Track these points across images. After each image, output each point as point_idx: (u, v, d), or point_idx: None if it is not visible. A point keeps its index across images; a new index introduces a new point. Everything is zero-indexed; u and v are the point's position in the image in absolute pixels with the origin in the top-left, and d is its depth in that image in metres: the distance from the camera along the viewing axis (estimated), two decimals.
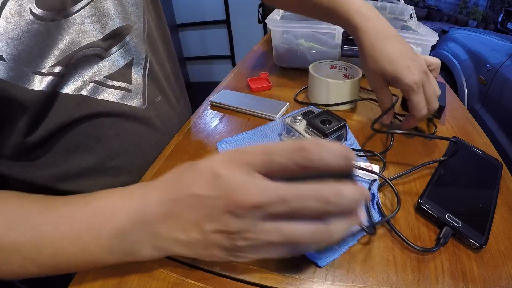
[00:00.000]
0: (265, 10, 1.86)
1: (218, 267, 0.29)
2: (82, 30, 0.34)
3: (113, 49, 0.38)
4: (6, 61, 0.28)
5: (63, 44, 0.32)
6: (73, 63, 0.34)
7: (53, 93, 0.33)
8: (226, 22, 2.59)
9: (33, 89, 0.30)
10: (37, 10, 0.29)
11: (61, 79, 0.33)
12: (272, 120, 0.52)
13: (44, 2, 0.30)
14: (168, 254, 0.24)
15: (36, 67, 0.30)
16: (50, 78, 0.31)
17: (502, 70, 1.38)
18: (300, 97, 0.59)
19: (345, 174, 0.22)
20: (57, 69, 0.32)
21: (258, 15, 2.02)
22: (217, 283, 0.28)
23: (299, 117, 0.43)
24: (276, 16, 0.75)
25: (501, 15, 2.51)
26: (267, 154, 0.21)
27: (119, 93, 0.40)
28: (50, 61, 0.31)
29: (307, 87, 0.61)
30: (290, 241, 0.21)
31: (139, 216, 0.23)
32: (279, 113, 0.52)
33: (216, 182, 0.21)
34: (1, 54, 0.27)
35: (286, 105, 0.55)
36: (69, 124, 0.35)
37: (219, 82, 0.67)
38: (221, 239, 0.22)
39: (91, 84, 0.36)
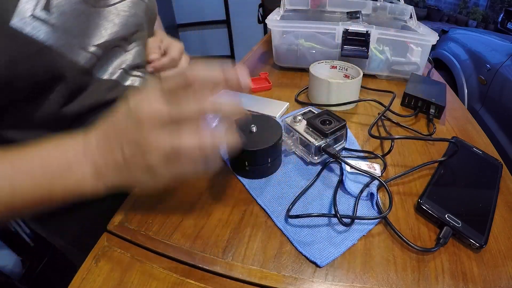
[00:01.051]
0: (265, 10, 1.86)
1: (218, 267, 0.29)
2: (115, 22, 0.38)
3: (133, 45, 0.43)
4: (56, 31, 0.30)
5: (103, 29, 0.36)
6: (108, 49, 0.38)
7: (91, 72, 0.36)
8: (226, 22, 2.59)
9: (77, 62, 0.33)
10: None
11: (98, 61, 0.36)
12: None
13: None
14: (106, 183, 0.28)
15: (82, 43, 0.34)
16: (91, 56, 0.35)
17: (502, 70, 1.38)
18: (301, 97, 0.59)
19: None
20: (98, 51, 0.35)
21: (258, 15, 2.02)
22: (217, 283, 0.28)
23: (299, 117, 0.43)
24: (276, 16, 0.75)
25: (501, 15, 2.51)
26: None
27: (141, 80, 0.44)
28: (93, 41, 0.35)
29: (307, 87, 0.61)
30: (187, 148, 0.25)
31: (82, 148, 0.28)
32: (279, 113, 0.52)
33: (129, 108, 0.26)
34: (54, 22, 0.30)
35: (286, 105, 0.55)
36: (102, 104, 0.38)
37: None
38: (137, 159, 0.26)
39: (120, 71, 0.40)
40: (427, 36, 0.62)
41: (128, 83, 0.42)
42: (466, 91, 1.62)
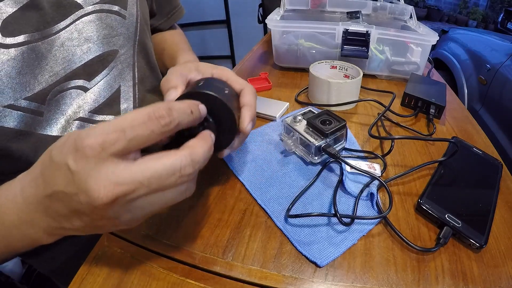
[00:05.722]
0: (265, 10, 1.86)
1: (218, 267, 0.29)
2: (61, 56, 0.30)
3: (97, 78, 0.34)
4: None
5: (40, 73, 0.28)
6: (53, 99, 0.30)
7: (29, 132, 0.29)
8: (226, 22, 2.59)
9: (4, 127, 0.26)
10: (3, 40, 0.26)
11: (40, 117, 0.29)
12: (272, 120, 0.52)
13: (12, 28, 0.26)
14: (65, 234, 0.24)
15: (8, 99, 0.26)
16: (25, 115, 0.27)
17: (502, 70, 1.38)
18: (301, 98, 0.59)
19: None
20: (33, 105, 0.28)
21: (258, 15, 2.02)
22: (217, 283, 0.28)
23: (299, 117, 0.43)
24: (276, 16, 0.75)
25: (501, 15, 2.51)
26: (120, 132, 0.20)
27: None
28: (25, 94, 0.27)
29: (307, 87, 0.61)
30: (160, 207, 0.22)
31: (26, 215, 0.23)
32: (279, 113, 0.52)
33: (72, 178, 0.20)
34: None
35: (286, 105, 0.55)
36: None
37: None
38: (102, 222, 0.22)
39: (76, 122, 0.32)
40: (427, 36, 0.62)
41: None
42: (466, 91, 1.62)
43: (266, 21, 0.68)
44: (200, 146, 0.23)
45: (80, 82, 0.32)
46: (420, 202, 0.34)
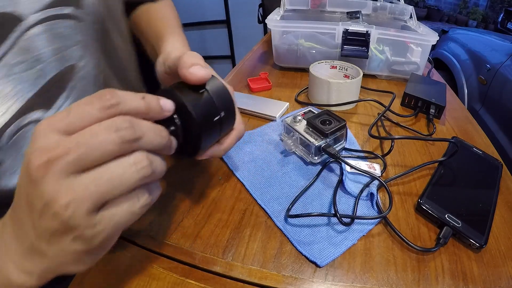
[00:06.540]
0: (265, 10, 1.86)
1: (218, 267, 0.29)
2: (9, 88, 0.25)
3: (57, 103, 0.29)
4: None
5: None
6: (9, 142, 0.25)
7: None
8: (226, 22, 2.59)
9: None
10: None
11: None
12: (272, 120, 0.52)
13: None
14: (42, 277, 0.21)
15: None
16: None
17: (502, 70, 1.38)
18: (301, 98, 0.59)
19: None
20: None
21: (258, 15, 2.02)
22: (217, 283, 0.28)
23: (299, 117, 0.43)
24: (276, 16, 0.75)
25: (501, 15, 2.51)
26: (66, 112, 0.18)
27: None
28: None
29: (307, 87, 0.61)
30: (111, 190, 0.19)
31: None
32: (279, 113, 0.52)
33: (36, 209, 0.18)
34: None
35: (286, 105, 0.55)
36: None
37: None
38: (67, 239, 0.18)
39: None
40: (427, 36, 0.62)
41: None
42: (466, 91, 1.62)
43: (266, 21, 0.68)
44: (145, 121, 0.20)
45: (38, 114, 0.27)
46: (420, 202, 0.34)
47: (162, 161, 0.21)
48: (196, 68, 0.25)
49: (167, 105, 0.22)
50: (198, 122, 0.24)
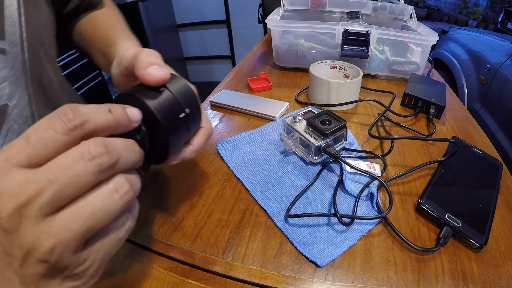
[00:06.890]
0: (265, 10, 1.86)
1: (218, 267, 0.29)
2: None
3: None
4: None
5: None
6: None
7: None
8: (226, 22, 2.59)
9: None
10: None
11: None
12: (272, 120, 0.52)
13: None
14: None
15: None
16: None
17: (502, 70, 1.38)
18: (301, 98, 0.59)
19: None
20: None
21: (258, 15, 2.02)
22: (217, 283, 0.28)
23: (299, 117, 0.43)
24: (276, 16, 0.75)
25: (501, 15, 2.50)
26: (24, 139, 0.16)
27: None
28: None
29: (307, 87, 0.61)
30: (93, 224, 0.17)
31: None
32: (279, 113, 0.52)
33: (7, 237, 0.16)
34: None
35: (286, 105, 0.55)
36: None
37: (219, 82, 0.67)
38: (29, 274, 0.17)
39: None
40: (427, 36, 0.62)
41: None
42: (466, 91, 1.62)
43: (266, 21, 0.68)
44: (117, 139, 0.19)
45: None
46: (420, 202, 0.34)
47: (137, 176, 0.20)
48: (154, 68, 0.23)
49: (134, 115, 0.21)
50: (165, 124, 0.23)
